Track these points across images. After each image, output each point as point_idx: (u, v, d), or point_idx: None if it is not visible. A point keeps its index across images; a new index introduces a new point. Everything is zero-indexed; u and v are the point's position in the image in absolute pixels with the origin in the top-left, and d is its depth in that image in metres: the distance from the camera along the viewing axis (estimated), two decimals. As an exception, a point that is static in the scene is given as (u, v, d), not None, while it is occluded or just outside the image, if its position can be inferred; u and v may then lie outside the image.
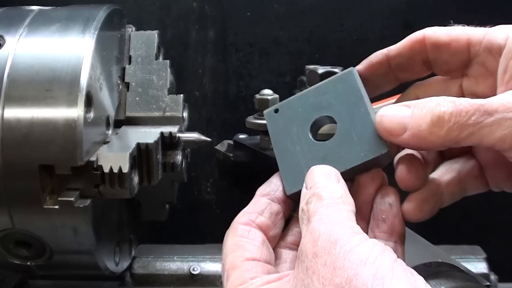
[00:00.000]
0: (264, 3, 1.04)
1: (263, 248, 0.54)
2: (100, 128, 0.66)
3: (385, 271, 0.40)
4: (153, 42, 0.78)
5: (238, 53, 1.06)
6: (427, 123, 0.49)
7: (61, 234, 0.63)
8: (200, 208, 1.08)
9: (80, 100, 0.60)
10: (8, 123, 0.60)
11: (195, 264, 0.85)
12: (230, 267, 0.52)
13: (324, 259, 0.42)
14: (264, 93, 0.63)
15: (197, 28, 1.05)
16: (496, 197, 0.62)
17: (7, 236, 0.64)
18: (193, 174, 1.07)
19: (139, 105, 0.74)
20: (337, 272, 0.41)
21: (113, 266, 0.73)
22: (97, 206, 0.64)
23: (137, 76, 0.75)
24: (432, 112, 0.49)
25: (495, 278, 0.86)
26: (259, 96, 0.63)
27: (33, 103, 0.60)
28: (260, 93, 0.63)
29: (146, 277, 0.85)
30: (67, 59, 0.62)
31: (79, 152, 0.59)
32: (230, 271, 0.52)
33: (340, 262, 0.41)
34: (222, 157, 0.74)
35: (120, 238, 0.78)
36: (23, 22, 0.67)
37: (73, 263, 0.70)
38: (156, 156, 0.68)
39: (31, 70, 0.61)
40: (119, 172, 0.61)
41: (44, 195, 0.60)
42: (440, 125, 0.49)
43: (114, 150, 0.64)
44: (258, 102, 0.63)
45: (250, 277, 0.50)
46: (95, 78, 0.63)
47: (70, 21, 0.66)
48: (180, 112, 0.74)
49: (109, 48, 0.70)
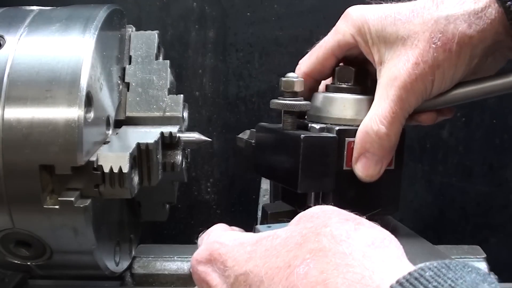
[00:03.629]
0: (264, 3, 1.04)
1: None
2: (100, 128, 0.66)
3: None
4: (153, 42, 0.78)
5: (238, 53, 1.06)
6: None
7: (61, 234, 0.63)
8: (200, 208, 1.08)
9: (80, 100, 0.60)
10: (9, 123, 0.60)
11: (195, 264, 0.85)
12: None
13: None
14: (289, 75, 0.64)
15: (197, 28, 1.05)
16: (496, 197, 0.63)
17: (7, 236, 0.64)
18: (193, 174, 1.07)
19: (139, 105, 0.74)
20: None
21: (113, 266, 0.73)
22: (97, 206, 0.64)
23: (137, 76, 0.75)
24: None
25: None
26: (284, 78, 0.64)
27: (33, 103, 0.60)
28: (286, 76, 0.64)
29: (146, 277, 0.85)
30: (67, 59, 0.62)
31: (79, 152, 0.59)
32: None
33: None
34: (244, 144, 0.73)
35: (120, 238, 0.78)
36: (23, 22, 0.67)
37: (73, 263, 0.70)
38: (156, 156, 0.68)
39: (31, 70, 0.61)
40: (119, 172, 0.61)
41: (44, 195, 0.60)
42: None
43: (114, 150, 0.64)
44: (283, 83, 0.63)
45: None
46: (95, 78, 0.64)
47: (70, 21, 0.66)
48: (180, 112, 0.74)
49: (109, 48, 0.70)
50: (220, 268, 0.48)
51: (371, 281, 0.37)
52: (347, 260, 0.39)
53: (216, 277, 0.48)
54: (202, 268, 0.50)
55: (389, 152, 0.61)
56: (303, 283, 0.39)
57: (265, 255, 0.45)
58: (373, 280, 0.37)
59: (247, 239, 0.48)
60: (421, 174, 1.09)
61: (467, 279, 0.35)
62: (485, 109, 1.06)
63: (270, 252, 0.45)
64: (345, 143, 0.62)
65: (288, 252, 0.43)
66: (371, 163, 0.61)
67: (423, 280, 0.34)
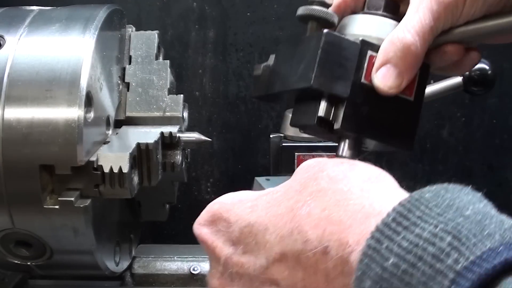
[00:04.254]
0: (264, 3, 1.04)
1: None
2: (100, 128, 0.66)
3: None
4: (153, 42, 0.78)
5: (238, 53, 1.06)
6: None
7: (61, 234, 0.63)
8: (200, 208, 1.08)
9: (80, 100, 0.60)
10: (9, 123, 0.60)
11: (195, 264, 0.85)
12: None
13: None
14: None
15: (197, 28, 1.05)
16: (496, 197, 0.62)
17: (7, 236, 0.64)
18: (193, 174, 1.07)
19: (139, 105, 0.74)
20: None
21: (113, 266, 0.73)
22: (97, 206, 0.64)
23: (137, 76, 0.75)
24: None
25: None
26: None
27: (33, 103, 0.60)
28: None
29: (146, 277, 0.85)
30: (67, 59, 0.62)
31: (79, 152, 0.59)
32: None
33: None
34: (260, 71, 0.72)
35: (120, 238, 0.78)
36: (23, 22, 0.67)
37: (73, 263, 0.70)
38: (156, 156, 0.68)
39: (31, 70, 0.61)
40: (119, 172, 0.61)
41: (44, 195, 0.60)
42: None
43: (114, 150, 0.64)
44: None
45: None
46: (95, 78, 0.64)
47: (70, 21, 0.66)
48: (180, 112, 0.74)
49: (109, 48, 0.70)
50: (224, 226, 0.49)
51: (372, 209, 0.39)
52: (346, 196, 0.42)
53: (220, 236, 0.49)
54: (206, 230, 0.51)
55: (412, 66, 0.58)
56: (307, 222, 0.42)
57: (266, 206, 0.46)
58: (374, 208, 0.39)
59: (246, 197, 0.49)
60: (421, 174, 1.09)
61: (464, 199, 0.36)
62: (485, 109, 1.06)
63: (272, 203, 0.46)
64: (367, 55, 0.60)
65: (289, 200, 0.45)
66: (392, 74, 0.58)
67: (423, 200, 0.37)
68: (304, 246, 0.42)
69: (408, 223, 0.35)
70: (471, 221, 0.34)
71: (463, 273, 0.31)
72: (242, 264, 0.47)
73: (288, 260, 0.43)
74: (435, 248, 0.33)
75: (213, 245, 0.50)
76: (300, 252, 0.42)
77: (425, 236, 0.34)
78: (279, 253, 0.44)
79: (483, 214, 0.35)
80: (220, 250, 0.49)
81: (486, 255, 0.31)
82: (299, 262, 0.43)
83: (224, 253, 0.49)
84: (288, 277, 0.44)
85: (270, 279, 0.45)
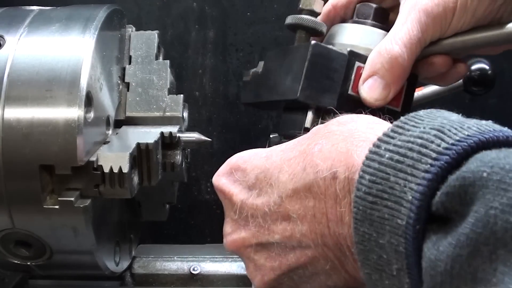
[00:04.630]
0: (264, 3, 1.04)
1: None
2: (100, 128, 0.66)
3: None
4: (153, 42, 0.78)
5: (238, 53, 1.06)
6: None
7: (61, 234, 0.63)
8: (200, 208, 1.08)
9: (80, 100, 0.60)
10: (9, 123, 0.60)
11: (195, 264, 0.85)
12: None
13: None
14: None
15: (197, 28, 1.05)
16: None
17: (7, 236, 0.64)
18: (193, 174, 1.07)
19: (139, 105, 0.74)
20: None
21: (113, 266, 0.73)
22: (97, 206, 0.64)
23: (137, 76, 0.75)
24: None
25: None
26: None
27: (33, 103, 0.60)
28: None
29: (146, 277, 0.85)
30: (67, 59, 0.62)
31: (79, 152, 0.59)
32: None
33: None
34: (250, 77, 0.72)
35: (120, 238, 0.78)
36: (23, 22, 0.67)
37: (73, 263, 0.70)
38: (156, 156, 0.68)
39: (31, 70, 0.61)
40: (119, 172, 0.61)
41: (44, 195, 0.60)
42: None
43: (114, 150, 0.64)
44: (303, 0, 0.63)
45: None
46: (95, 78, 0.64)
47: (70, 21, 0.66)
48: (180, 112, 0.74)
49: (109, 48, 0.70)
50: (241, 175, 0.53)
51: (375, 137, 0.42)
52: (354, 133, 0.46)
53: (237, 185, 0.53)
54: (224, 181, 0.55)
55: (399, 78, 0.59)
56: (319, 156, 0.46)
57: (281, 153, 0.51)
58: (377, 136, 0.43)
59: (262, 150, 0.54)
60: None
61: (454, 117, 0.41)
62: (485, 109, 1.06)
63: (285, 150, 0.51)
64: (355, 66, 0.60)
65: (302, 145, 0.49)
66: (379, 86, 0.59)
67: (417, 115, 0.42)
68: (315, 177, 0.45)
69: (403, 130, 0.40)
70: (454, 121, 0.39)
71: (443, 152, 0.37)
72: (257, 206, 0.50)
73: (300, 193, 0.47)
74: (423, 140, 0.38)
75: (230, 193, 0.53)
76: (311, 183, 0.46)
77: (416, 134, 0.39)
78: (292, 189, 0.47)
79: (466, 119, 0.40)
80: (236, 196, 0.53)
81: (463, 139, 0.37)
82: (310, 192, 0.46)
83: (239, 198, 0.52)
84: (299, 209, 0.47)
85: (282, 215, 0.49)
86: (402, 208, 0.37)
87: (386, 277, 0.40)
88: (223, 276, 0.84)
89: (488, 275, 0.32)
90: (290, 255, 0.49)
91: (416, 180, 0.37)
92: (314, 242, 0.47)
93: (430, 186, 0.36)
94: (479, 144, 0.36)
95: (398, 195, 0.38)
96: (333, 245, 0.46)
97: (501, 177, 0.33)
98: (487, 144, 0.37)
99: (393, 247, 0.38)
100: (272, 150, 0.53)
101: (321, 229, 0.46)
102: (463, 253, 0.33)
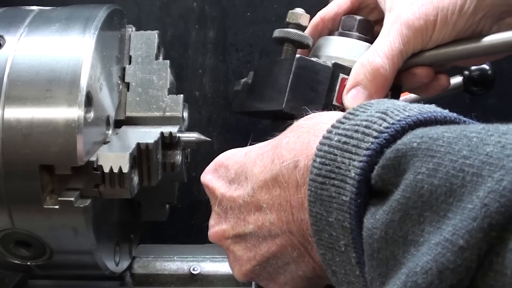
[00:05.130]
0: (264, 3, 1.04)
1: None
2: (100, 128, 0.66)
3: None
4: (153, 42, 0.78)
5: (238, 53, 1.06)
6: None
7: (61, 234, 0.63)
8: (200, 208, 1.08)
9: (80, 100, 0.60)
10: (8, 124, 0.60)
11: (195, 264, 0.85)
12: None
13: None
14: (297, 9, 0.66)
15: (197, 28, 1.05)
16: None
17: (7, 236, 0.64)
18: (193, 174, 1.07)
19: (139, 105, 0.74)
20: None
21: (113, 266, 0.73)
22: (97, 206, 0.64)
23: (137, 76, 0.75)
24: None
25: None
26: (291, 10, 0.66)
27: (33, 103, 0.60)
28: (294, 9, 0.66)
29: (146, 277, 0.85)
30: (67, 59, 0.62)
31: (79, 152, 0.59)
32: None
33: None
34: (240, 86, 0.74)
35: (120, 238, 0.78)
36: (23, 22, 0.67)
37: (73, 263, 0.70)
38: (156, 156, 0.68)
39: (31, 70, 0.61)
40: (119, 172, 0.61)
41: (44, 195, 0.60)
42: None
43: (114, 150, 0.64)
44: (289, 15, 0.65)
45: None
46: (95, 78, 0.64)
47: (70, 21, 0.66)
48: (180, 112, 0.74)
49: (109, 48, 0.70)
50: (223, 171, 0.56)
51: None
52: (317, 125, 0.49)
53: (220, 180, 0.56)
54: (209, 177, 0.58)
55: (381, 88, 0.61)
56: (286, 148, 0.49)
57: (257, 150, 0.54)
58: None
59: (244, 148, 0.57)
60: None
61: (401, 103, 0.43)
62: (485, 109, 1.06)
63: (262, 146, 0.54)
64: (339, 78, 0.63)
65: (275, 140, 0.53)
66: (362, 96, 0.61)
67: (368, 103, 0.44)
68: (280, 167, 0.48)
69: (353, 116, 0.43)
70: (399, 105, 0.41)
71: (384, 130, 0.39)
72: (234, 198, 0.54)
73: (269, 184, 0.50)
74: (368, 122, 0.40)
75: (213, 187, 0.57)
76: (277, 173, 0.49)
77: (363, 118, 0.41)
78: (262, 180, 0.50)
79: (412, 104, 0.42)
80: (218, 190, 0.56)
81: (403, 118, 0.39)
82: (276, 181, 0.49)
83: (220, 192, 0.55)
84: (268, 198, 0.50)
85: (255, 206, 0.51)
86: (347, 185, 0.40)
87: (336, 254, 0.42)
88: (223, 276, 0.84)
89: (417, 236, 0.33)
90: (263, 245, 0.52)
91: (358, 158, 0.39)
92: (281, 230, 0.50)
93: (369, 161, 0.39)
94: (417, 122, 0.38)
95: (344, 173, 0.40)
96: (297, 231, 0.48)
97: (429, 146, 0.34)
98: (425, 123, 0.39)
99: (340, 223, 0.40)
100: (252, 147, 0.56)
101: (286, 216, 0.49)
102: (395, 218, 0.35)
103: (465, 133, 0.34)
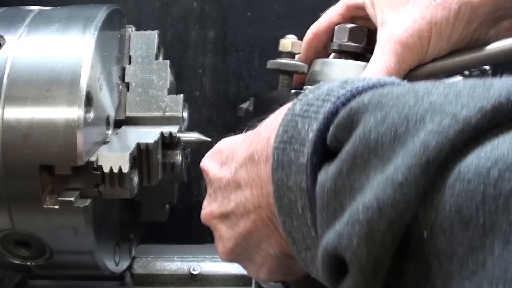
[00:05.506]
0: (264, 3, 1.04)
1: None
2: (100, 128, 0.66)
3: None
4: (153, 42, 0.78)
5: (238, 53, 1.06)
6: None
7: (61, 234, 0.63)
8: (200, 208, 1.08)
9: (80, 100, 0.60)
10: (8, 124, 0.60)
11: (195, 264, 0.85)
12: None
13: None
14: (288, 36, 0.66)
15: (197, 28, 1.05)
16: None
17: (7, 236, 0.64)
18: (193, 174, 1.07)
19: (139, 105, 0.74)
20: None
21: (113, 266, 0.73)
22: (97, 206, 0.64)
23: (137, 76, 0.75)
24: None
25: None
26: (282, 39, 0.66)
27: (33, 103, 0.60)
28: (285, 37, 0.66)
29: (146, 277, 0.85)
30: (67, 59, 0.62)
31: (79, 152, 0.59)
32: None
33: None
34: (243, 113, 0.75)
35: (120, 238, 0.78)
36: (23, 22, 0.67)
37: (73, 263, 0.70)
38: (156, 156, 0.68)
39: (31, 71, 0.61)
40: (119, 172, 0.61)
41: (44, 195, 0.60)
42: None
43: (114, 150, 0.64)
44: (281, 44, 0.66)
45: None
46: (95, 78, 0.63)
47: (70, 21, 0.66)
48: (180, 112, 0.74)
49: (109, 48, 0.70)
50: (219, 156, 0.58)
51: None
52: (273, 124, 0.49)
53: (213, 163, 0.58)
54: (206, 160, 0.59)
55: None
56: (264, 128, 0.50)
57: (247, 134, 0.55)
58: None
59: (238, 136, 0.58)
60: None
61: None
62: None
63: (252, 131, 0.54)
64: None
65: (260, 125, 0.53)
66: None
67: (332, 82, 0.44)
68: (256, 145, 0.49)
69: (316, 89, 0.43)
70: (362, 77, 0.43)
71: (341, 96, 0.40)
72: (220, 178, 0.55)
73: (246, 162, 0.51)
74: (328, 90, 0.42)
75: (207, 170, 0.58)
76: (253, 151, 0.50)
77: (325, 88, 0.42)
78: (242, 159, 0.52)
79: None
80: (210, 172, 0.57)
81: (362, 85, 0.40)
82: (252, 159, 0.50)
83: (212, 173, 0.57)
84: (245, 176, 0.51)
85: (236, 184, 0.53)
86: (305, 148, 0.41)
87: (295, 218, 0.43)
88: (223, 276, 0.84)
89: (363, 183, 0.34)
90: (240, 222, 0.53)
91: (317, 122, 0.41)
92: (253, 206, 0.51)
93: (326, 123, 0.40)
94: (373, 87, 0.40)
95: (303, 137, 0.41)
96: (265, 205, 0.49)
97: (378, 100, 0.36)
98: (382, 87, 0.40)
99: (298, 185, 0.41)
100: (246, 133, 0.57)
101: (257, 191, 0.50)
102: (343, 169, 0.36)
103: (414, 87, 0.35)
